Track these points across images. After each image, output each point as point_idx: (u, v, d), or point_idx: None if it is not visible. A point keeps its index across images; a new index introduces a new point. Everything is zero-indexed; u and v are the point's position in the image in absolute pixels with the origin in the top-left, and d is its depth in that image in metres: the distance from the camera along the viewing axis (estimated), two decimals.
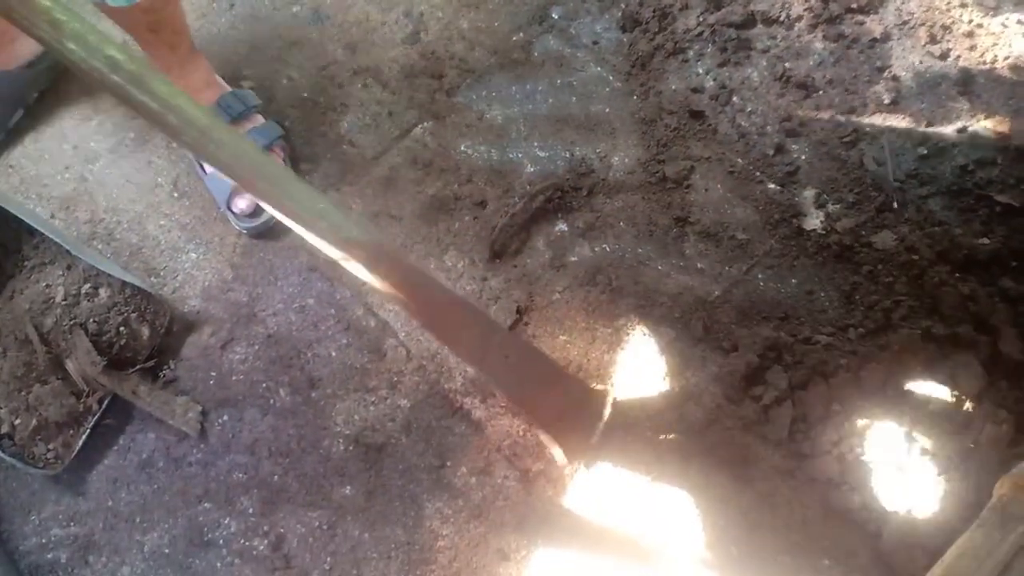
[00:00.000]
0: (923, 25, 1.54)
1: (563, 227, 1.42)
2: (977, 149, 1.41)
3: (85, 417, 1.25)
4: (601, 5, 1.64)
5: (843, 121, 1.46)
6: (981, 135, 1.42)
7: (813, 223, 1.39)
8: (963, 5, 1.55)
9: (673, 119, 1.49)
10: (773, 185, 1.42)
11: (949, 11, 1.55)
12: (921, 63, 1.51)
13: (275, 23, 1.63)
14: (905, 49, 1.52)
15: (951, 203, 1.38)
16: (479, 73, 1.57)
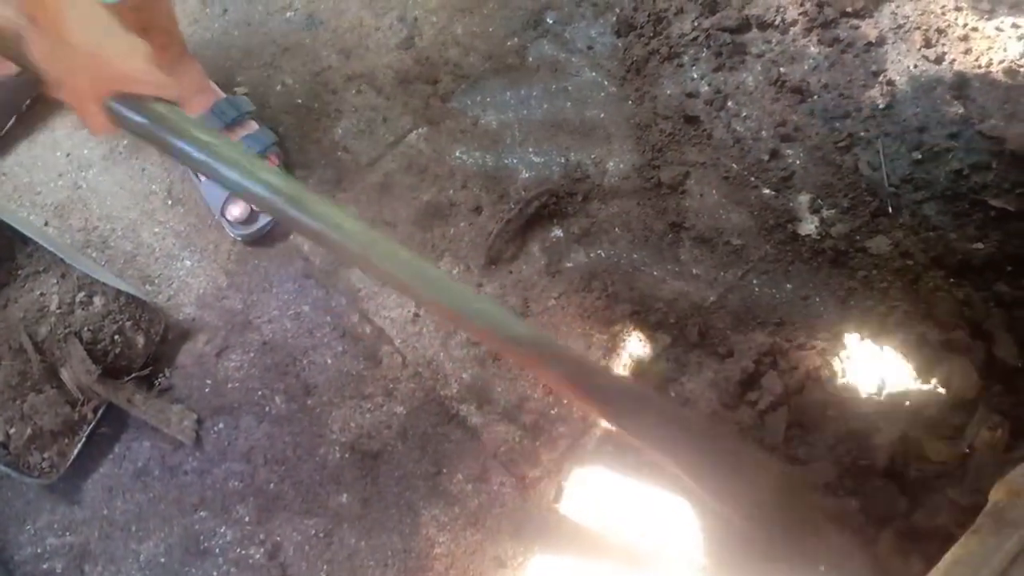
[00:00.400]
0: (918, 29, 1.54)
1: (558, 233, 1.42)
2: (972, 153, 1.41)
3: (80, 426, 1.25)
4: (596, 10, 1.63)
5: (838, 126, 1.46)
6: (976, 139, 1.42)
7: (808, 228, 1.39)
8: (958, 9, 1.55)
9: (668, 124, 1.49)
10: (768, 190, 1.42)
11: (944, 15, 1.55)
12: (916, 67, 1.51)
13: (268, 28, 1.63)
14: (900, 53, 1.52)
15: (946, 208, 1.38)
16: (474, 78, 1.57)
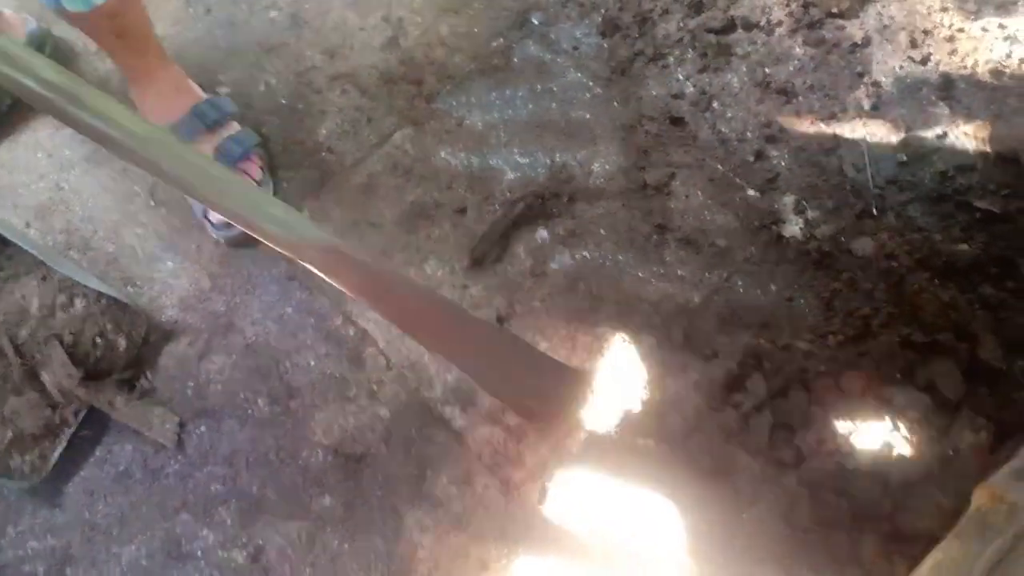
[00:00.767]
0: (904, 30, 1.54)
1: (544, 234, 1.42)
2: (957, 155, 1.41)
3: (61, 429, 1.24)
4: (581, 10, 1.63)
5: (823, 127, 1.46)
6: (961, 141, 1.42)
7: (793, 230, 1.39)
8: (944, 9, 1.55)
9: (654, 125, 1.49)
10: (753, 192, 1.42)
11: (930, 15, 1.55)
12: (901, 68, 1.51)
13: (252, 28, 1.62)
14: (886, 54, 1.52)
15: (931, 209, 1.38)
16: (459, 79, 1.56)
